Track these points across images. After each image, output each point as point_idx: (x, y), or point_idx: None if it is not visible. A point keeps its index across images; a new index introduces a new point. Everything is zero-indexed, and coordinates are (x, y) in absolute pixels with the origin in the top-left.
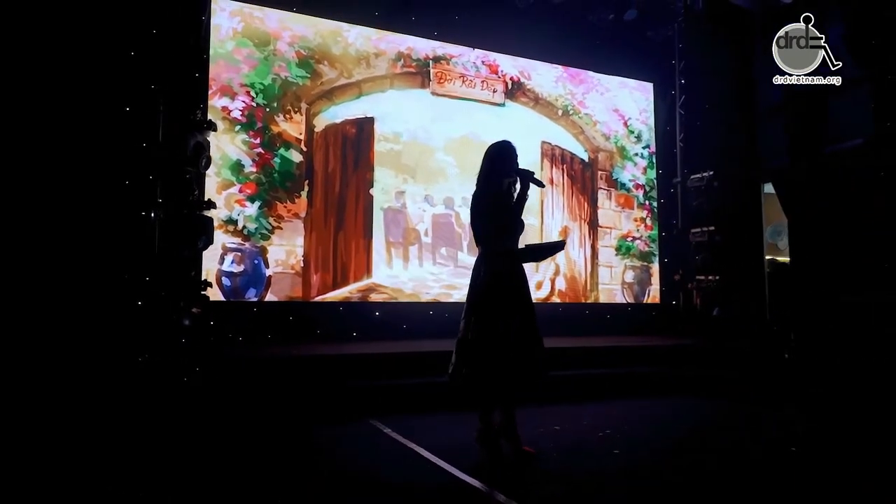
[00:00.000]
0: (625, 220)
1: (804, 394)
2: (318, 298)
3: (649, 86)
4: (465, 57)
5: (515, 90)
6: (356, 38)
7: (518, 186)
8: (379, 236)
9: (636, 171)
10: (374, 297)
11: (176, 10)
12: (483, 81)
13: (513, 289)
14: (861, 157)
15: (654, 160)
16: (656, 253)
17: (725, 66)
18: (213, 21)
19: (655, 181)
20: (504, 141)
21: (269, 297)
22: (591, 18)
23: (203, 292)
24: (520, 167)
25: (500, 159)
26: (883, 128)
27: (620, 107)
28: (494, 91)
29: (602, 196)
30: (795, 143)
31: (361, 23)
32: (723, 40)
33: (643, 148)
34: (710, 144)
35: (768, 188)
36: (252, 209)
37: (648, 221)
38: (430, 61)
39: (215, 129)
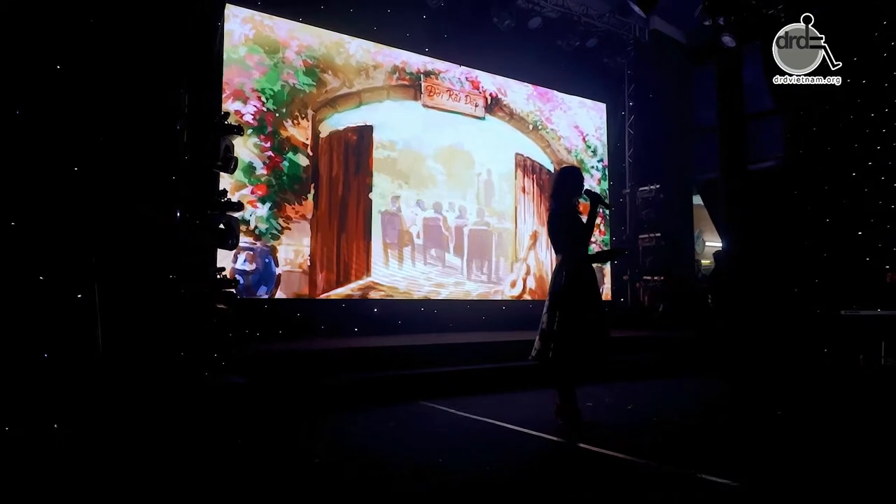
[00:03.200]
0: None
1: (740, 372)
2: (323, 296)
3: (603, 106)
4: (452, 73)
5: (494, 105)
6: (356, 50)
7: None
8: (377, 238)
9: (592, 182)
10: (373, 295)
11: (197, 15)
12: (467, 96)
13: (588, 288)
14: (776, 176)
15: (607, 172)
16: None
17: (667, 91)
18: (226, 27)
19: (607, 191)
20: (572, 167)
21: (279, 294)
22: (560, 43)
23: (230, 290)
24: (591, 189)
25: (570, 182)
26: (795, 154)
27: (580, 124)
28: (476, 105)
29: None
30: (726, 160)
31: (361, 36)
32: (665, 69)
33: (598, 161)
34: (654, 160)
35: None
36: (263, 210)
37: (602, 227)
38: (422, 75)
39: (242, 134)
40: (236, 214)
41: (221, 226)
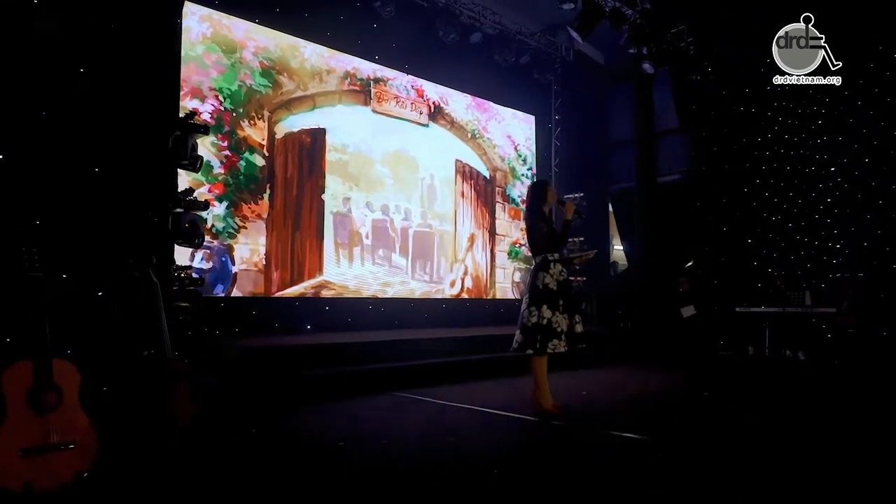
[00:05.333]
0: (514, 230)
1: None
2: (278, 294)
3: (532, 118)
4: (399, 80)
5: (436, 113)
6: (311, 54)
7: (567, 213)
8: (329, 238)
9: (522, 189)
10: (325, 293)
11: (157, 14)
12: (412, 103)
13: (565, 286)
14: (681, 188)
15: (536, 180)
16: None
17: (588, 107)
18: (184, 23)
19: None
20: (541, 181)
21: (235, 292)
22: (497, 58)
23: (193, 288)
24: (568, 200)
25: (541, 193)
26: (698, 170)
27: (512, 134)
28: (420, 113)
29: (499, 208)
30: (641, 172)
31: (315, 40)
32: (586, 86)
33: (528, 169)
34: (577, 169)
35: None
36: (220, 209)
37: None
38: (371, 82)
39: (207, 133)
40: (201, 213)
41: (187, 224)
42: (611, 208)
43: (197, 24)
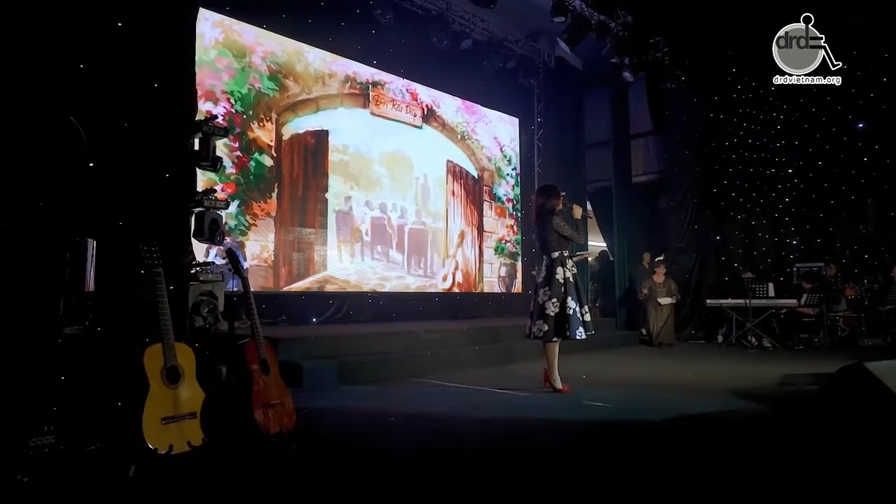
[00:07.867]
0: (500, 227)
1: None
2: (286, 288)
3: (516, 120)
4: (395, 84)
5: (429, 116)
6: (314, 58)
7: (573, 213)
8: (332, 235)
9: (507, 188)
10: (328, 288)
11: (178, 20)
12: (407, 106)
13: (577, 280)
14: (655, 187)
15: (520, 179)
16: (520, 253)
17: (568, 110)
18: (198, 29)
19: (520, 196)
20: (549, 185)
21: None
22: (485, 63)
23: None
24: (576, 205)
25: (549, 195)
26: (671, 171)
27: (498, 135)
28: (415, 115)
29: (486, 207)
30: (618, 172)
31: (318, 45)
32: (566, 90)
33: (512, 169)
34: (558, 169)
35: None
36: (232, 207)
37: (515, 228)
38: (370, 85)
39: (226, 136)
40: (221, 212)
41: (210, 222)
42: (589, 206)
43: (210, 30)
